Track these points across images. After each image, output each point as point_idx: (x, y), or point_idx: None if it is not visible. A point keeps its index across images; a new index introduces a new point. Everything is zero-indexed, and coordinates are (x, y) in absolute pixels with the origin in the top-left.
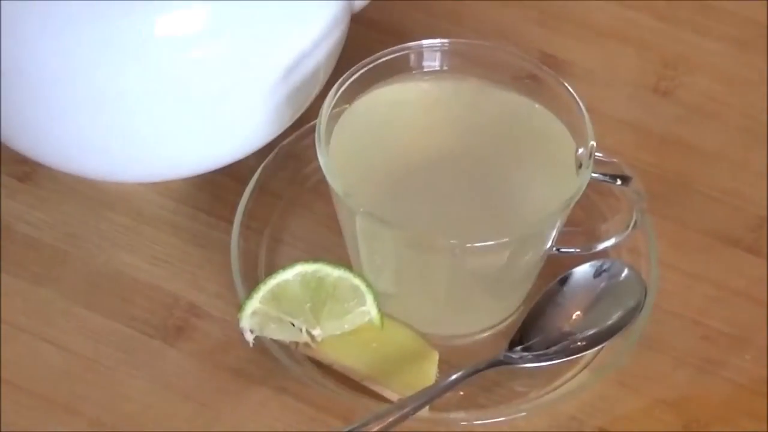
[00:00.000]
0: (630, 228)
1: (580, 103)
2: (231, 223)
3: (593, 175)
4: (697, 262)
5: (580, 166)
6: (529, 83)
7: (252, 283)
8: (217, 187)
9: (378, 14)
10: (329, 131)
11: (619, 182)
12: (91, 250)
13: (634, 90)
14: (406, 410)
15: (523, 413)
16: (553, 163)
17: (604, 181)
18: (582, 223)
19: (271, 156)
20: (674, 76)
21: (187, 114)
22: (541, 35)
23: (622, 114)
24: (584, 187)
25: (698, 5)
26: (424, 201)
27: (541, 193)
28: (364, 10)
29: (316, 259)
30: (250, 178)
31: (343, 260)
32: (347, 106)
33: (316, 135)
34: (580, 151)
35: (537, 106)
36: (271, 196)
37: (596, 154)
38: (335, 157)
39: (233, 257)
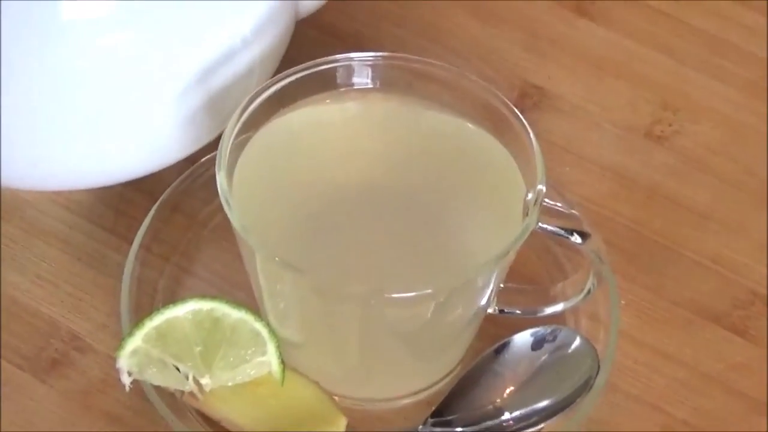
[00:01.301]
0: (584, 293)
1: (533, 138)
2: (130, 243)
3: (544, 227)
4: (668, 338)
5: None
6: (480, 111)
7: (143, 317)
8: (125, 203)
9: (342, 21)
10: (235, 156)
11: (575, 238)
12: None
13: (625, 132)
14: None
15: None
16: (498, 207)
17: (557, 234)
18: (538, 281)
19: (187, 172)
20: (672, 120)
21: (91, 112)
22: (527, 61)
23: (606, 159)
24: (523, 238)
25: (710, 40)
26: (339, 242)
27: (481, 241)
28: (325, 15)
29: (213, 297)
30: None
31: (254, 302)
32: (255, 130)
33: (216, 159)
34: (530, 195)
35: (486, 136)
36: (184, 218)
37: (554, 203)
38: (240, 187)
39: (124, 283)
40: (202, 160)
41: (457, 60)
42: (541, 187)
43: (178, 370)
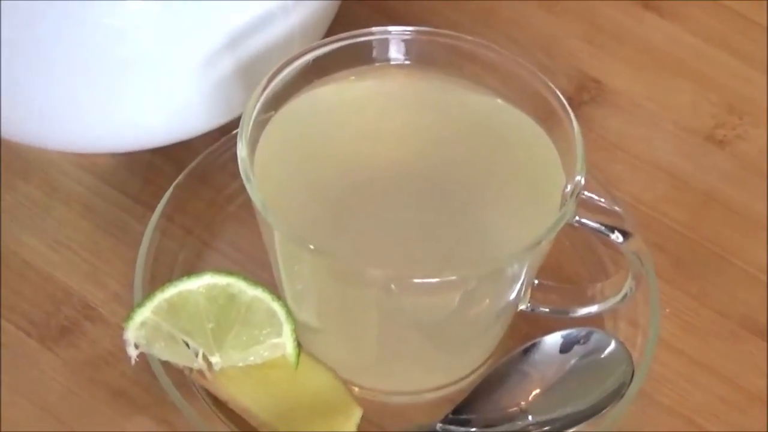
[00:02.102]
0: (621, 296)
1: (575, 126)
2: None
3: (583, 221)
4: (710, 350)
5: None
6: (524, 95)
7: (157, 289)
8: (153, 171)
9: (396, 2)
10: (260, 129)
11: (615, 236)
12: None
13: (684, 134)
14: None
15: None
16: (534, 197)
17: (596, 231)
18: (578, 281)
19: (217, 144)
20: (736, 125)
21: (117, 72)
22: (588, 54)
23: (661, 159)
24: (555, 230)
25: None
26: (363, 224)
27: (513, 231)
28: None
29: (231, 272)
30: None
31: (275, 283)
32: (282, 103)
33: (239, 130)
34: (568, 187)
35: (528, 121)
36: (210, 191)
37: (597, 198)
38: (262, 162)
39: (141, 251)
40: (234, 132)
41: (513, 47)
42: (580, 179)
43: (187, 346)
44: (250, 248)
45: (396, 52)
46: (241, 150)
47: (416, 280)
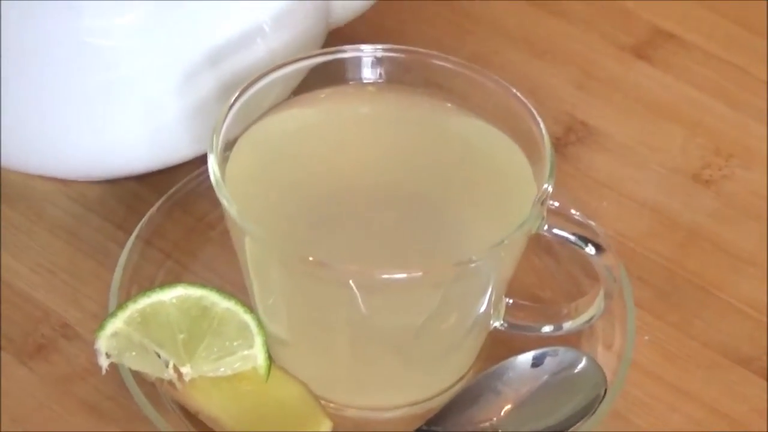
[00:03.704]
0: (594, 313)
1: (545, 136)
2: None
3: (555, 231)
4: (692, 377)
5: None
6: (496, 110)
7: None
8: (137, 200)
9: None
10: (229, 147)
11: (588, 249)
12: None
13: (671, 174)
14: None
15: None
16: (506, 208)
17: (568, 241)
18: (556, 287)
19: (198, 171)
20: (723, 166)
21: (97, 95)
22: (577, 98)
23: (647, 197)
24: (522, 232)
25: None
26: (333, 232)
27: (483, 240)
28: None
29: (204, 285)
30: None
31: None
32: (251, 123)
33: (208, 147)
34: (536, 201)
35: (501, 136)
36: (191, 218)
37: (572, 212)
38: (234, 179)
39: (118, 266)
40: None
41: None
42: (547, 186)
43: (159, 356)
44: (228, 272)
45: (368, 71)
46: (212, 162)
47: (383, 276)
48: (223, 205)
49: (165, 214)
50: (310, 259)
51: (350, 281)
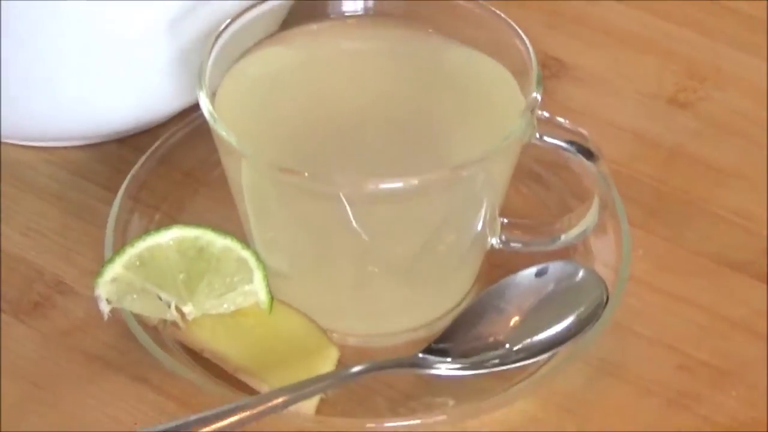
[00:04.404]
0: (589, 224)
1: (529, 47)
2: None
3: (547, 139)
4: (689, 285)
5: None
6: (480, 33)
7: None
8: (122, 162)
9: None
10: (216, 84)
11: (579, 155)
12: None
13: (647, 99)
14: (275, 402)
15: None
16: (496, 123)
17: (561, 148)
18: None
19: (182, 124)
20: (698, 88)
21: (72, 54)
22: (547, 37)
23: (627, 123)
24: (514, 138)
25: (737, 18)
26: (327, 153)
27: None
28: None
29: (198, 225)
30: None
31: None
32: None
33: (196, 82)
34: (525, 110)
35: (486, 59)
36: (178, 173)
37: (560, 119)
38: (222, 111)
39: (110, 220)
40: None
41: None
42: (536, 95)
43: (160, 298)
44: (218, 221)
45: (350, 5)
46: (203, 99)
47: (380, 186)
48: (220, 138)
49: (150, 169)
50: (308, 174)
51: (347, 196)
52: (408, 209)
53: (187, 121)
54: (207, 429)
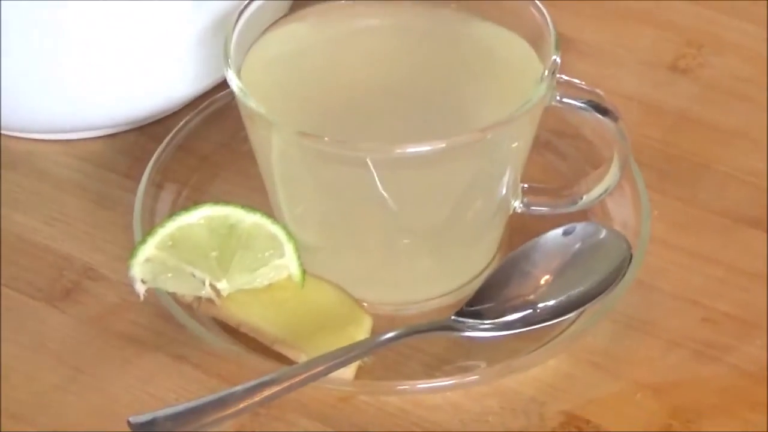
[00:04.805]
0: (610, 182)
1: (546, 13)
2: None
3: (566, 100)
4: (705, 242)
5: None
6: (492, 4)
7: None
8: (138, 149)
9: None
10: (240, 58)
11: (597, 113)
12: None
13: (648, 68)
14: (317, 370)
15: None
16: (517, 90)
17: (580, 108)
18: (566, 179)
19: (196, 111)
20: (697, 55)
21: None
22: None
23: (631, 92)
24: (536, 101)
25: None
26: (358, 125)
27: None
28: None
29: (227, 203)
30: None
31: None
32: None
33: (222, 59)
34: (546, 72)
35: (497, 27)
36: (195, 158)
37: (577, 81)
38: (249, 86)
39: (137, 205)
40: (212, 98)
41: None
42: (555, 58)
43: (194, 276)
44: (238, 201)
45: None
46: (231, 75)
47: (409, 150)
48: (252, 112)
49: (170, 155)
50: (339, 140)
51: (376, 162)
52: (435, 175)
53: (199, 109)
54: (255, 398)
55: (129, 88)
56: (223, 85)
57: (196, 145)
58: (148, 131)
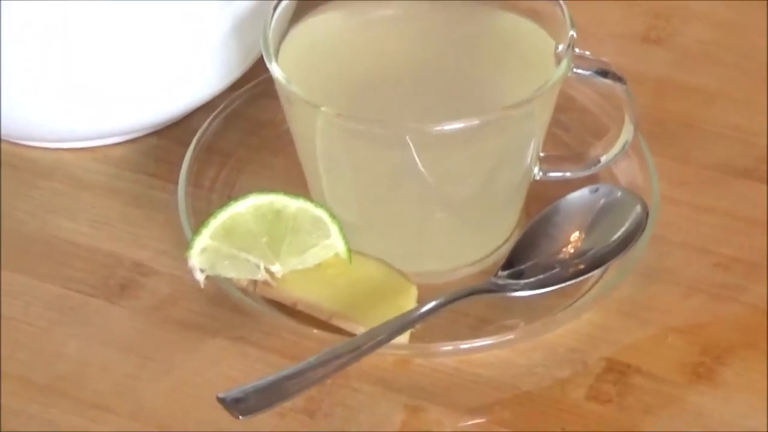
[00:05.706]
0: (623, 144)
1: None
2: (174, 183)
3: (579, 71)
4: (704, 195)
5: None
6: None
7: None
8: (161, 151)
9: None
10: (277, 45)
11: (608, 80)
12: (21, 216)
13: (623, 41)
14: (379, 338)
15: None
16: (531, 66)
17: (592, 77)
18: (572, 149)
19: (217, 110)
20: (666, 26)
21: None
22: None
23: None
24: (559, 76)
25: None
26: (393, 107)
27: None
28: None
29: (270, 190)
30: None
31: None
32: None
33: (263, 49)
34: (560, 48)
35: (513, 14)
36: (219, 156)
37: (583, 52)
38: (288, 73)
39: (180, 203)
40: (231, 96)
41: None
42: (572, 33)
43: (248, 261)
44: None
45: None
46: (272, 65)
47: (444, 127)
48: (296, 98)
49: (198, 155)
50: (382, 120)
51: (413, 140)
52: (469, 150)
53: (218, 111)
54: (329, 367)
55: (153, 94)
56: (238, 85)
57: (221, 144)
58: (165, 134)
